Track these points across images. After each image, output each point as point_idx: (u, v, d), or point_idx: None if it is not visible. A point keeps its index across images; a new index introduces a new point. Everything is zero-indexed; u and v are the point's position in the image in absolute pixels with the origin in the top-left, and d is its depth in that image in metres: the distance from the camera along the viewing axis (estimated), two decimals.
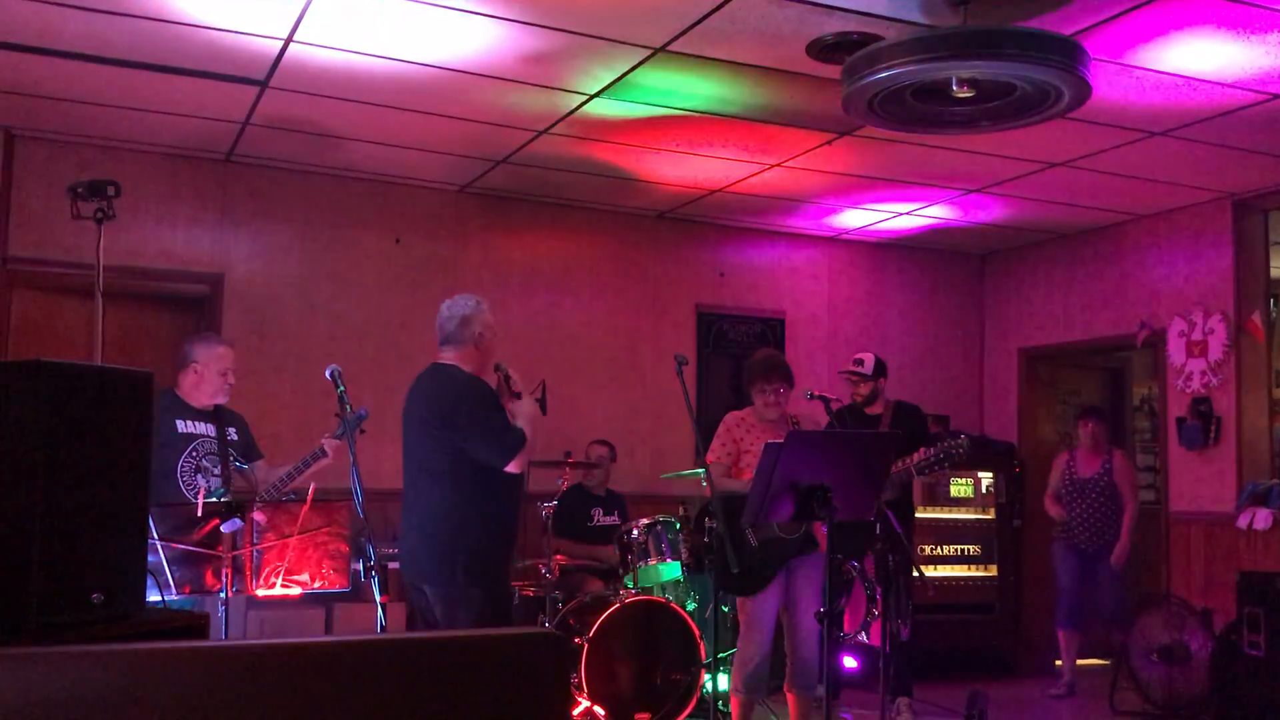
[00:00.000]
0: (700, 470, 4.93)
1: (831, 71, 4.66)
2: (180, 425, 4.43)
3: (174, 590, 3.65)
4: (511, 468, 3.99)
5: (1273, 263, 7.04)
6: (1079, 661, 7.08)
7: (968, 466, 7.82)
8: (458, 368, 4.16)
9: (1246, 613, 5.58)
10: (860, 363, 6.32)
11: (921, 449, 5.37)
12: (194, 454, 4.42)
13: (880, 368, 6.31)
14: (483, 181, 6.81)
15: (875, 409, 6.26)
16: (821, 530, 4.57)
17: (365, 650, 1.45)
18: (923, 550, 7.51)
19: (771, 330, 7.89)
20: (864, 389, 6.24)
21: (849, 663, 6.48)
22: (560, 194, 7.08)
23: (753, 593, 4.74)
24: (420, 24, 4.47)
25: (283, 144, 6.13)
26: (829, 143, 5.90)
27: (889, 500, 5.52)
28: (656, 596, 5.63)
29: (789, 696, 4.92)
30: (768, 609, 4.80)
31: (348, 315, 6.70)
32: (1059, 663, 7.09)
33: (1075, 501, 6.97)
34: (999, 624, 7.70)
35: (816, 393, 5.30)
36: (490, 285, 6.81)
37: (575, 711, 5.34)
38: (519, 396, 4.18)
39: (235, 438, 4.61)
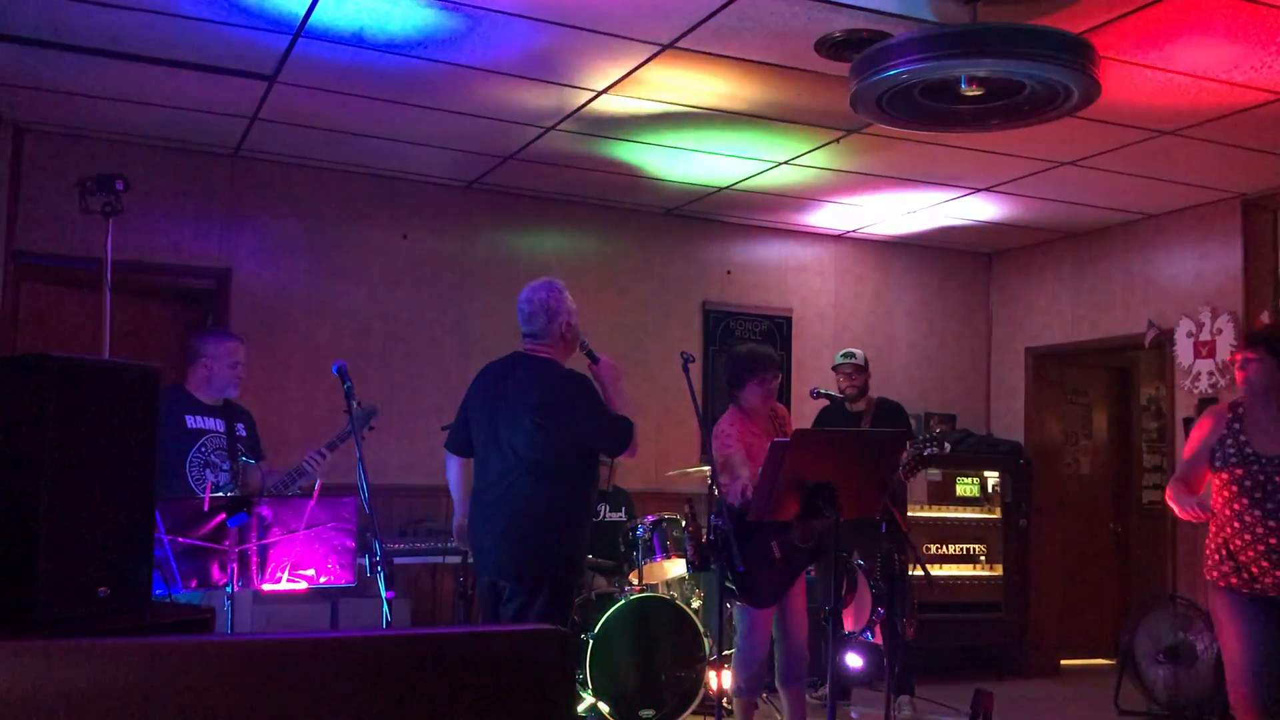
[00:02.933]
0: (706, 467, 4.92)
1: (840, 69, 4.64)
2: (190, 420, 4.44)
3: (180, 584, 3.65)
4: (625, 455, 4.11)
5: None
6: (1083, 662, 6.85)
7: (974, 465, 7.82)
8: (556, 362, 4.15)
9: None
10: (852, 355, 6.36)
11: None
12: (203, 449, 4.42)
13: (866, 361, 6.37)
14: (490, 177, 6.80)
15: (859, 405, 6.28)
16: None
17: (371, 646, 1.46)
18: (928, 549, 7.50)
19: (778, 328, 7.87)
20: (858, 380, 6.29)
21: (854, 661, 6.47)
22: (567, 190, 7.07)
23: (772, 603, 4.67)
24: (428, 19, 4.46)
25: (290, 139, 6.13)
26: (837, 140, 5.89)
27: None
28: (661, 593, 5.63)
29: (782, 691, 4.87)
30: (769, 610, 4.79)
31: (354, 311, 6.70)
32: None
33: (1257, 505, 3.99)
34: (1004, 623, 7.69)
35: (823, 390, 5.31)
36: (497, 281, 6.80)
37: (580, 708, 5.34)
38: (597, 360, 4.21)
39: (244, 433, 4.62)
